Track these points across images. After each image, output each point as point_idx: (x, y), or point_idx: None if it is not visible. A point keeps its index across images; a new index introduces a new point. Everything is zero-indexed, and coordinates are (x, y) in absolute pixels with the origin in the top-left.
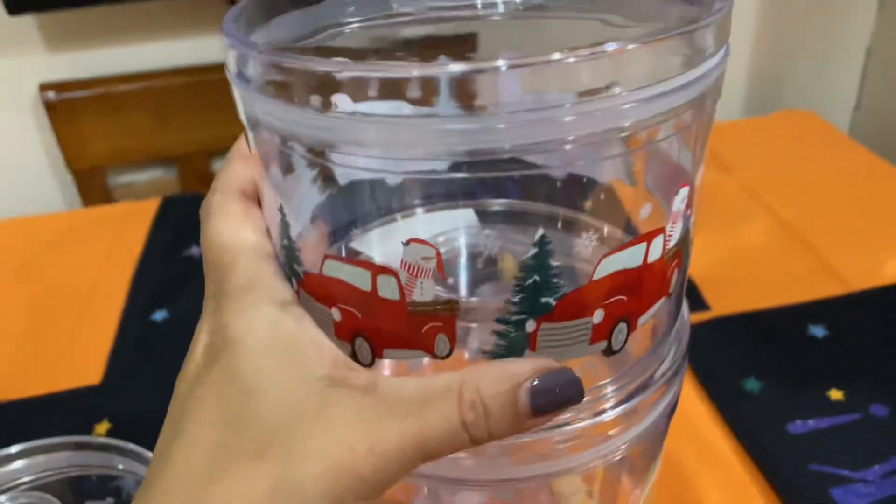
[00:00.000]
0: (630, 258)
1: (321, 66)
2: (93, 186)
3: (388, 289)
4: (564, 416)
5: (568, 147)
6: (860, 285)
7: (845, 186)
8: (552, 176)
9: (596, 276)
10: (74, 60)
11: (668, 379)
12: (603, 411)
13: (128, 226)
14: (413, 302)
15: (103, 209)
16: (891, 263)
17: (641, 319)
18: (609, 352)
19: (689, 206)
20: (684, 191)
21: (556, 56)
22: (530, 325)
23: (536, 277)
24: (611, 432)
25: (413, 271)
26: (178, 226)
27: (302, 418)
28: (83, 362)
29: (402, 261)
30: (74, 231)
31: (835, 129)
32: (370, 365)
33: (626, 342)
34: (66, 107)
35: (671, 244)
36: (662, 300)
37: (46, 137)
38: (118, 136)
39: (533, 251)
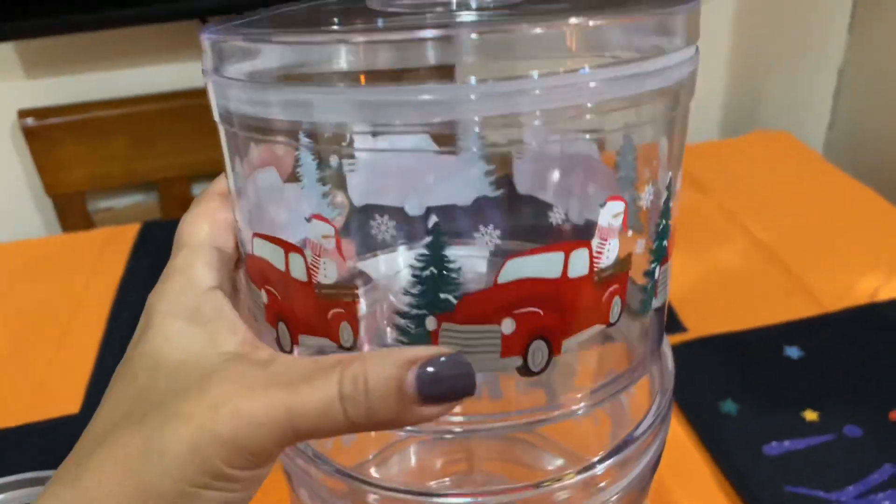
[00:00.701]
0: (544, 266)
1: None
2: (72, 212)
3: (298, 268)
4: (554, 473)
5: (536, 122)
6: (834, 306)
7: (820, 207)
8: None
9: (501, 279)
10: (53, 87)
11: (654, 429)
12: (592, 465)
13: (108, 251)
14: (318, 284)
15: (83, 235)
16: (864, 284)
17: (568, 343)
18: (526, 371)
19: (627, 227)
20: (614, 205)
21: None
22: (431, 323)
23: (433, 269)
24: (601, 485)
25: (316, 250)
26: (159, 251)
27: (189, 387)
28: (62, 391)
29: (305, 239)
30: (54, 257)
31: (809, 149)
32: (290, 352)
33: (547, 364)
34: (45, 133)
35: (604, 264)
36: (598, 328)
37: (26, 163)
38: (98, 161)
39: (426, 240)
